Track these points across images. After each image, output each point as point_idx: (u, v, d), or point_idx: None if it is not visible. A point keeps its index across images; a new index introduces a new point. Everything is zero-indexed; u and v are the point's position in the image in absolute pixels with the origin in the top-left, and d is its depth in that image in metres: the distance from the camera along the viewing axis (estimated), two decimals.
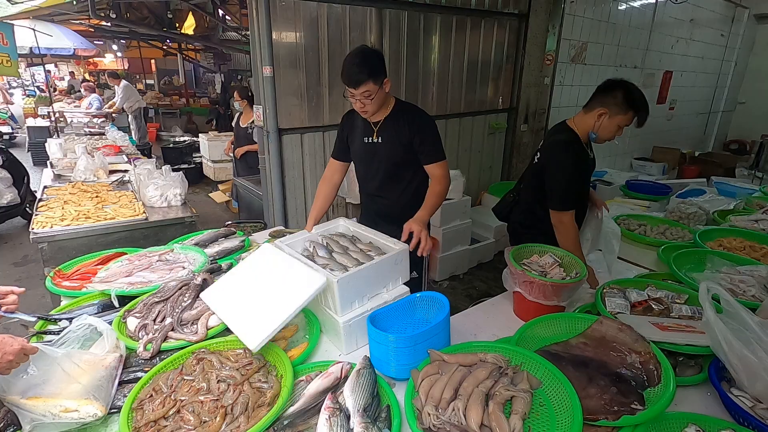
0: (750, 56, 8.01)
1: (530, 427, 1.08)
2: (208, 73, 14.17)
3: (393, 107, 2.02)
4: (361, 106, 1.88)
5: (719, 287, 1.33)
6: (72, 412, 1.11)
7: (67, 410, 1.11)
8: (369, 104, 1.86)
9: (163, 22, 6.53)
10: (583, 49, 5.06)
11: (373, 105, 1.88)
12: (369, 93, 1.82)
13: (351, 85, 1.81)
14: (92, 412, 1.12)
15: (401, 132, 1.98)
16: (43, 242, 2.53)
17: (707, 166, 6.80)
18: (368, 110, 1.90)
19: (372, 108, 1.90)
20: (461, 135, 4.77)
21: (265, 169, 3.64)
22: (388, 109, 2.01)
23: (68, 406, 1.11)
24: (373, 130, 2.03)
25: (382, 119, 2.01)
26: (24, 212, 4.90)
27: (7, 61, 4.84)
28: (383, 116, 2.01)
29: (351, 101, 1.90)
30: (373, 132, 2.03)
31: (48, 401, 1.11)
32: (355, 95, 1.84)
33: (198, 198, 6.60)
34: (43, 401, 1.11)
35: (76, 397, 1.13)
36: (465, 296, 3.79)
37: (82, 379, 1.16)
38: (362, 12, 3.62)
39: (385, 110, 2.01)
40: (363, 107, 1.89)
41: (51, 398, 1.12)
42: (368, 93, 1.82)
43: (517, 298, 1.76)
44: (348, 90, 1.85)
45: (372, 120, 2.03)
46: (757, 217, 2.56)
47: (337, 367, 1.25)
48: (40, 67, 10.10)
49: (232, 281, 1.60)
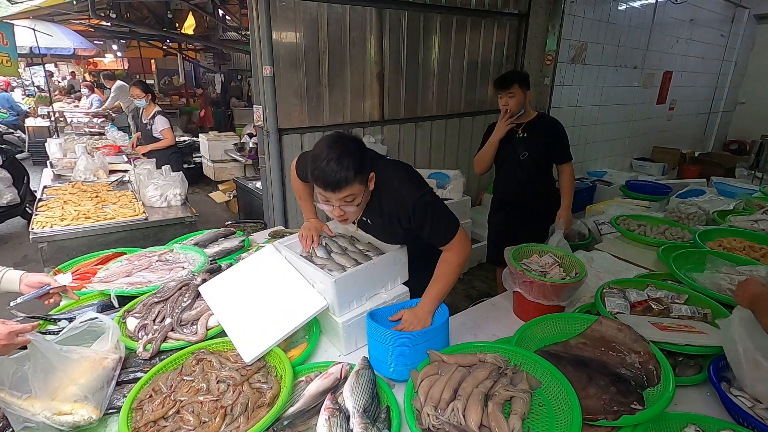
0: (750, 56, 8.00)
1: (530, 428, 1.08)
2: (208, 73, 14.17)
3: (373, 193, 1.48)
4: (339, 213, 1.39)
5: None
6: (66, 415, 1.10)
7: (61, 413, 1.10)
8: (352, 211, 1.41)
9: (163, 22, 6.53)
10: (583, 49, 5.05)
11: (359, 210, 1.44)
12: (354, 197, 1.35)
13: (329, 189, 1.30)
14: (86, 416, 1.12)
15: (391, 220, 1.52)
16: (42, 242, 2.53)
17: (707, 166, 6.79)
18: (349, 217, 1.45)
19: (356, 213, 1.46)
20: (461, 135, 4.77)
21: (265, 169, 3.64)
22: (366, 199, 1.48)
23: (63, 409, 1.11)
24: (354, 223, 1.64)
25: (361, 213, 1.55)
26: (24, 212, 4.90)
27: (7, 61, 4.85)
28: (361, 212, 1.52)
29: (323, 208, 1.43)
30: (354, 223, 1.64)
31: (43, 403, 1.10)
32: (331, 201, 1.36)
33: (198, 198, 6.60)
34: (39, 402, 1.10)
35: (71, 400, 1.13)
36: (465, 296, 3.79)
37: (80, 380, 1.16)
38: (362, 12, 3.62)
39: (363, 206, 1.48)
40: (342, 215, 1.40)
41: (46, 400, 1.11)
42: (353, 197, 1.35)
43: (516, 298, 1.76)
44: (320, 195, 1.36)
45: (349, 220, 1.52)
46: (756, 217, 2.56)
47: (336, 367, 1.26)
48: (40, 67, 10.09)
49: (232, 280, 1.60)
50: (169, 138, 4.33)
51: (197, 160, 7.26)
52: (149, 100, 4.35)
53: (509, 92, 2.45)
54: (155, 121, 4.31)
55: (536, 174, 2.56)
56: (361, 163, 1.32)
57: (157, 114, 4.33)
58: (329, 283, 1.39)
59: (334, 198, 1.33)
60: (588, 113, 5.51)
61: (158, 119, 4.30)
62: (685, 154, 7.07)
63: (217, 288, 1.59)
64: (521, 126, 2.53)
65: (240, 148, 6.15)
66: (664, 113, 6.99)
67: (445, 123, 4.57)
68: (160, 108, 4.45)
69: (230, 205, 6.02)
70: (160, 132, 4.31)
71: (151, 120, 4.33)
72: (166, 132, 4.30)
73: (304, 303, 1.44)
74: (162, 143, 4.35)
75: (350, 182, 1.30)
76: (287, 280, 1.53)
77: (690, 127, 7.82)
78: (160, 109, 4.40)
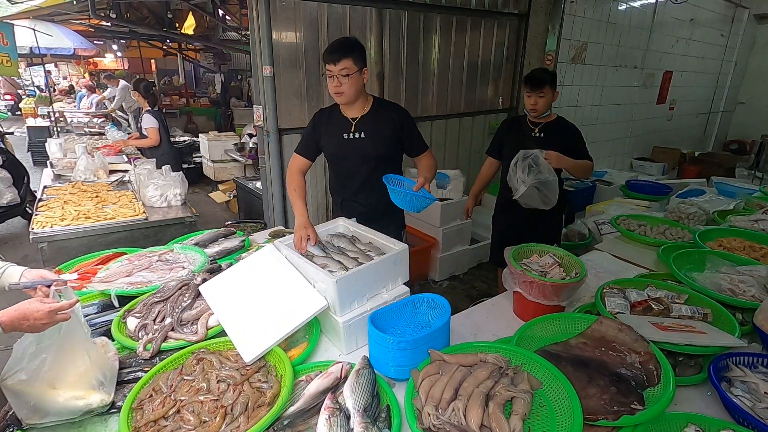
0: (750, 56, 8.01)
1: (530, 428, 1.08)
2: (208, 73, 14.17)
3: (372, 104, 2.04)
4: (337, 85, 1.87)
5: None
6: (80, 399, 1.13)
7: (76, 397, 1.13)
8: (345, 84, 1.86)
9: (163, 22, 6.52)
10: (583, 49, 5.05)
11: (349, 87, 1.87)
12: (347, 71, 1.83)
13: (330, 60, 1.83)
14: (99, 400, 1.15)
15: (385, 126, 2.01)
16: (43, 242, 2.53)
17: (707, 166, 6.79)
18: (344, 91, 1.89)
19: (348, 90, 1.89)
20: (461, 135, 4.77)
21: (265, 169, 3.64)
22: (366, 105, 2.03)
23: (77, 394, 1.13)
24: (351, 124, 2.02)
25: (359, 116, 2.02)
26: (24, 212, 4.90)
27: (7, 61, 4.84)
28: (361, 112, 2.02)
29: (328, 81, 1.92)
30: (350, 127, 2.02)
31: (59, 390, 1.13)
32: (333, 72, 1.84)
33: (198, 198, 6.60)
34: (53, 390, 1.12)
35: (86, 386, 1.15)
36: (465, 296, 3.79)
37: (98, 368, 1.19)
38: (362, 12, 3.62)
39: (363, 106, 2.02)
40: (339, 86, 1.88)
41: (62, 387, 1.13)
42: (346, 71, 1.83)
43: (517, 298, 1.76)
44: (327, 68, 1.87)
45: (349, 116, 2.03)
46: (756, 217, 2.56)
47: (336, 367, 1.25)
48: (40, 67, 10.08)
49: (232, 280, 1.61)
50: (152, 138, 4.29)
51: (197, 160, 7.26)
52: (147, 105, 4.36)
53: (540, 92, 2.37)
54: (143, 118, 4.34)
55: None
56: (356, 51, 1.86)
57: (145, 113, 4.34)
58: (331, 283, 1.39)
59: (335, 69, 1.84)
60: (588, 113, 5.51)
61: (145, 117, 4.31)
62: (685, 154, 7.07)
63: (217, 288, 1.59)
64: (538, 126, 2.50)
65: (240, 148, 6.16)
66: (664, 113, 7.00)
67: (445, 123, 4.58)
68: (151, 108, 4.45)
69: (230, 205, 6.02)
70: (146, 130, 4.32)
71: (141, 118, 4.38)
72: (150, 131, 4.29)
73: (305, 303, 1.44)
74: (145, 141, 4.33)
75: (347, 56, 1.82)
76: (287, 280, 1.53)
77: (690, 127, 7.82)
78: (149, 109, 4.38)
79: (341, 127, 2.04)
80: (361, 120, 2.02)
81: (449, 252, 4.00)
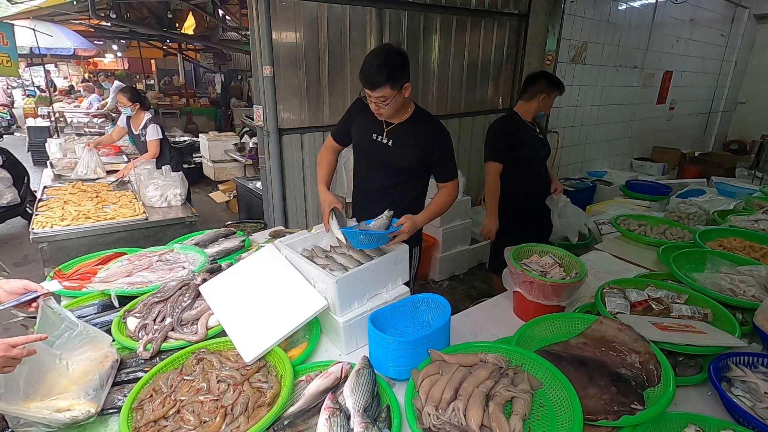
0: (750, 56, 8.00)
1: (530, 428, 1.08)
2: (208, 73, 14.17)
3: (411, 114, 1.91)
4: (375, 108, 1.80)
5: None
6: (64, 411, 1.10)
7: (59, 410, 1.10)
8: (384, 109, 1.77)
9: (163, 22, 6.53)
10: (583, 49, 5.05)
11: (389, 110, 1.79)
12: (385, 99, 1.73)
13: (367, 86, 1.73)
14: (84, 410, 1.12)
15: (416, 140, 1.88)
16: (43, 242, 2.53)
17: (707, 166, 6.79)
18: (383, 113, 1.81)
19: (387, 112, 1.81)
20: (461, 135, 4.77)
21: (265, 169, 3.64)
22: (405, 114, 1.91)
23: (60, 406, 1.10)
24: (383, 129, 1.93)
25: (396, 122, 1.91)
26: (24, 212, 4.89)
27: (7, 61, 4.84)
28: (399, 120, 1.91)
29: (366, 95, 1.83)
30: (383, 132, 1.93)
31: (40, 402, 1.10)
32: (371, 97, 1.76)
33: (198, 198, 6.59)
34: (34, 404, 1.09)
35: (69, 398, 1.12)
36: (465, 296, 3.79)
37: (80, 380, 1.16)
38: (362, 12, 3.62)
39: (402, 114, 1.90)
40: (377, 110, 1.81)
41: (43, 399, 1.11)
42: (384, 98, 1.73)
43: (517, 298, 1.76)
44: (364, 89, 1.77)
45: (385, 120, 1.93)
46: (756, 217, 2.56)
47: (337, 367, 1.25)
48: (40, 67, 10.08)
49: (232, 280, 1.60)
50: (153, 152, 3.84)
51: (197, 160, 7.26)
52: (137, 109, 3.84)
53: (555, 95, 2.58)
54: (147, 131, 3.84)
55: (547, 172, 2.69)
56: (396, 73, 1.69)
57: (148, 123, 3.86)
58: (331, 283, 1.39)
59: (372, 96, 1.74)
60: (588, 113, 5.51)
61: (150, 129, 3.83)
62: (685, 154, 7.07)
63: (217, 288, 1.59)
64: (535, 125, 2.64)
65: (240, 148, 6.15)
66: (664, 113, 7.00)
67: (446, 123, 4.47)
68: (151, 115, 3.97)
69: (230, 205, 6.02)
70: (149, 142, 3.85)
71: (143, 130, 3.86)
72: (152, 144, 3.82)
73: (305, 303, 1.44)
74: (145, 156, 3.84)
75: (382, 85, 1.68)
76: (288, 280, 1.53)
77: (690, 127, 7.82)
78: (151, 116, 3.92)
79: (374, 126, 1.95)
80: (395, 128, 1.91)
81: (449, 252, 4.00)
